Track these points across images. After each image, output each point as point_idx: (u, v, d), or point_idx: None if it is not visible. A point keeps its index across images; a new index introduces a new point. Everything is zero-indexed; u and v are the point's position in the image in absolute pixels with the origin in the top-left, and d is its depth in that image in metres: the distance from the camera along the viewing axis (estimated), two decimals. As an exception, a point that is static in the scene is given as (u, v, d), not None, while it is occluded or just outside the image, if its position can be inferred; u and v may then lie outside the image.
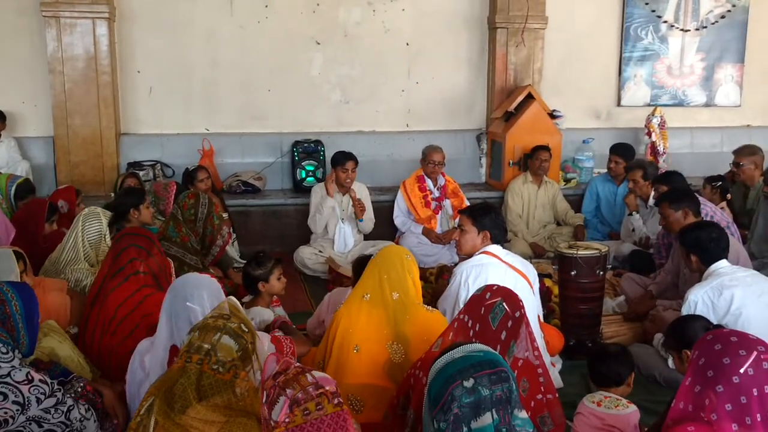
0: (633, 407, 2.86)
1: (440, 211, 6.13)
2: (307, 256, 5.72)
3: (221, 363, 2.11)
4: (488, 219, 3.66)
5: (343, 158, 5.80)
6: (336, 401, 1.86)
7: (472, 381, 1.73)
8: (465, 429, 1.70)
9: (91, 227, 4.28)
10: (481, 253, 3.61)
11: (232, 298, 2.54)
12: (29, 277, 3.41)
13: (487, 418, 1.70)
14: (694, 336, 2.83)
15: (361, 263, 3.88)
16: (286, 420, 1.83)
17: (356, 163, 5.82)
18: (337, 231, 5.80)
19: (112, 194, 5.81)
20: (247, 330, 2.21)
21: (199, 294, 2.62)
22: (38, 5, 6.07)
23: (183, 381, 2.07)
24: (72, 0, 6.05)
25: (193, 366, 2.09)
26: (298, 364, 2.00)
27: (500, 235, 3.70)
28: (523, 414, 1.75)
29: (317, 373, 1.95)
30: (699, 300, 3.53)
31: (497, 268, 3.49)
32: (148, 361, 2.62)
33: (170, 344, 2.56)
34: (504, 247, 3.73)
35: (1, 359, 2.18)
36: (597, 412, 2.77)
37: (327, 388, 1.88)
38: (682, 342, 3.05)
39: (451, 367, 1.78)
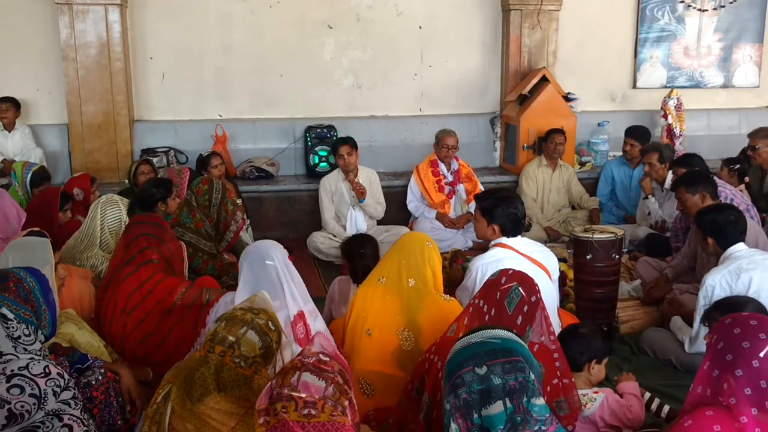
0: (600, 396, 2.78)
1: (454, 196, 6.10)
2: (321, 241, 5.72)
3: (243, 357, 2.09)
4: (498, 211, 3.47)
5: (339, 143, 5.75)
6: (306, 412, 1.82)
7: (485, 368, 1.71)
8: (476, 415, 1.69)
9: (112, 215, 4.30)
10: (496, 245, 3.49)
11: (264, 293, 2.53)
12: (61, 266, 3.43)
13: (498, 407, 1.68)
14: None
15: (348, 244, 3.87)
16: (261, 421, 1.82)
17: (352, 147, 5.70)
18: (348, 216, 5.81)
19: (126, 181, 5.84)
20: (274, 328, 2.20)
21: (274, 253, 2.95)
22: (51, -8, 6.08)
23: (203, 370, 2.07)
24: (84, -13, 6.05)
25: (215, 357, 2.09)
26: (307, 358, 1.95)
27: (512, 228, 3.49)
28: (541, 401, 1.73)
29: (308, 377, 1.90)
30: (716, 284, 3.49)
31: (514, 261, 3.33)
32: None
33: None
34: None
35: (24, 343, 2.16)
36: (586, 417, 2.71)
37: (302, 395, 1.84)
38: None
39: (466, 351, 1.77)
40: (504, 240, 3.49)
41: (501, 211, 3.48)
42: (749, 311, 2.93)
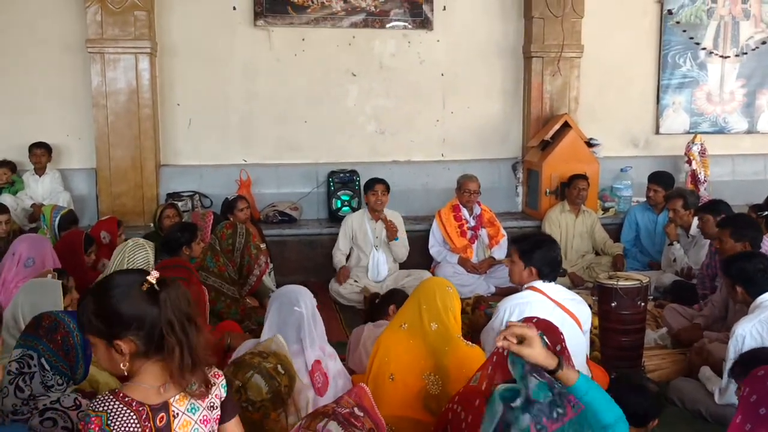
0: None
1: (476, 241, 6.09)
2: (342, 285, 5.72)
3: (250, 402, 2.09)
4: (537, 254, 3.43)
5: (372, 182, 5.85)
6: None
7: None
8: None
9: (142, 258, 4.30)
10: (527, 288, 3.45)
11: (279, 336, 2.53)
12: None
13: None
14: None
15: (373, 299, 3.86)
16: None
17: (387, 187, 5.84)
18: (371, 259, 5.80)
19: (152, 224, 5.91)
20: (283, 372, 2.19)
21: (303, 300, 2.96)
22: (84, 42, 6.27)
23: None
24: (116, 36, 6.23)
25: None
26: (341, 407, 1.93)
27: (549, 272, 3.45)
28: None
29: (333, 426, 1.88)
30: (747, 334, 3.42)
31: (543, 305, 3.31)
32: None
33: None
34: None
35: (55, 391, 2.24)
36: None
37: None
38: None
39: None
40: (536, 284, 3.44)
41: (539, 254, 3.44)
42: None
